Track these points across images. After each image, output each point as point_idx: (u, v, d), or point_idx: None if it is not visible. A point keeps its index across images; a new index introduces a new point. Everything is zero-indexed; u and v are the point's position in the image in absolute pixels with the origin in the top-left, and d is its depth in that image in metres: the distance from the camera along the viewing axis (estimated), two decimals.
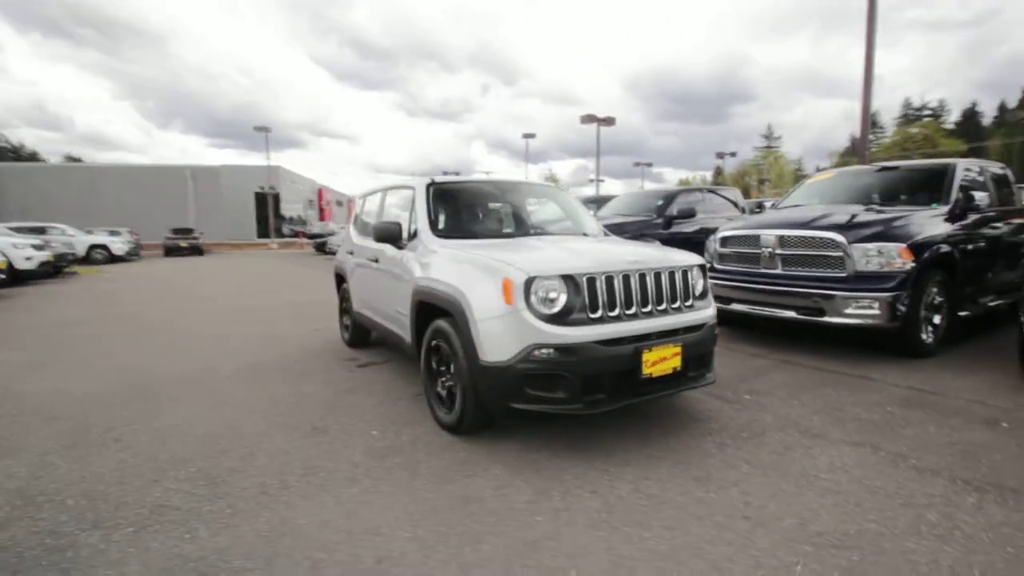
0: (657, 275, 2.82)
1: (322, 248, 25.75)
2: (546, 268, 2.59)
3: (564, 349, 2.48)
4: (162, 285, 12.23)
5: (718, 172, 75.41)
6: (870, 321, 4.22)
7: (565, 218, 4.05)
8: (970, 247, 4.74)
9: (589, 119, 22.98)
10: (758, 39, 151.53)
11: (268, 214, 33.22)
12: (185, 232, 27.18)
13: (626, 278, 2.70)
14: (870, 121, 11.02)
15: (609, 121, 23.37)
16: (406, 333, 3.54)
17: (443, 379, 3.06)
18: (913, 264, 4.17)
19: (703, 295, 3.09)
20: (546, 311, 2.53)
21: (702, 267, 3.12)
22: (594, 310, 2.60)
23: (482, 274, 2.72)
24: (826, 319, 4.38)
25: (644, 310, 2.74)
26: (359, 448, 2.84)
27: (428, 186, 3.70)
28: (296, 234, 33.33)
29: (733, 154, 53.04)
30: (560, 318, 2.54)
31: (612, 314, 2.64)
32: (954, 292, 4.61)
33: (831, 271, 4.40)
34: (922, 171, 5.62)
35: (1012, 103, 59.27)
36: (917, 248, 4.22)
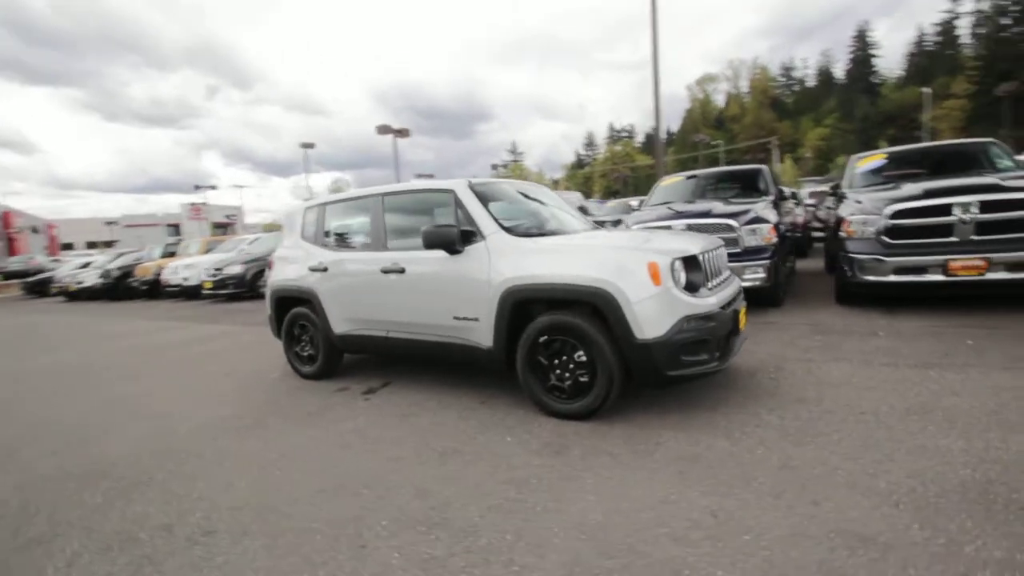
0: (719, 250, 3.48)
1: (40, 289, 19.41)
2: (676, 251, 2.99)
3: (706, 317, 2.92)
4: None
5: None
6: (758, 283, 5.69)
7: (573, 216, 4.39)
8: (781, 227, 6.74)
9: (385, 130, 22.68)
10: (491, 65, 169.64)
11: None
12: None
13: (712, 254, 3.28)
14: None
15: (404, 132, 23.54)
16: (477, 338, 3.43)
17: (557, 371, 3.14)
18: (777, 239, 5.80)
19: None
20: (682, 287, 2.93)
21: (724, 245, 3.90)
22: (708, 282, 3.11)
23: (625, 261, 2.94)
24: None
25: (718, 281, 3.36)
26: (518, 454, 2.75)
27: (470, 187, 3.62)
28: None
29: (505, 166, 58.51)
30: (691, 292, 2.97)
31: (716, 284, 3.19)
32: (783, 258, 6.51)
33: (728, 248, 5.76)
34: (742, 173, 7.67)
35: (675, 128, 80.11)
36: (777, 227, 5.88)
